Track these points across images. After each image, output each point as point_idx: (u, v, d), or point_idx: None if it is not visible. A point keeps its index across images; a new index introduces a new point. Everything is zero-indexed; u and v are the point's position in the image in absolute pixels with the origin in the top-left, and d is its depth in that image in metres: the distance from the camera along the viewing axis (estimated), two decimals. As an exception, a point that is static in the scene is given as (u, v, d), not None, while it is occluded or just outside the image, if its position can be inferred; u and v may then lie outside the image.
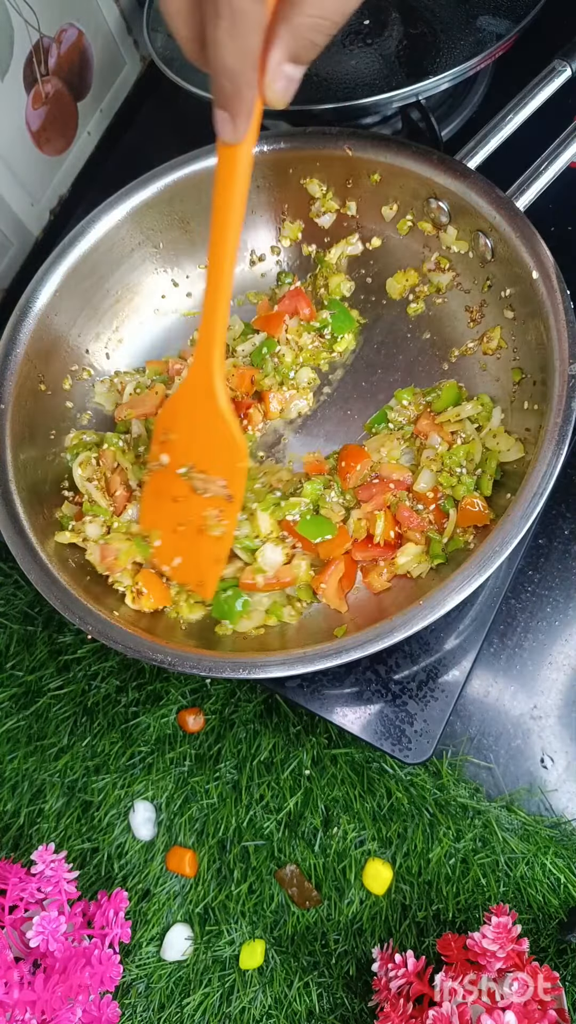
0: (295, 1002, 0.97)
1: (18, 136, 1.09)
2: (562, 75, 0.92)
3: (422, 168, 0.92)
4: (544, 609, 1.03)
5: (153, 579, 0.90)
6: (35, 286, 0.96)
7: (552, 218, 0.90)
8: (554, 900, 0.95)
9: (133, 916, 1.03)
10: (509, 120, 0.92)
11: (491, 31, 1.00)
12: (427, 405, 0.93)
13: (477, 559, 0.74)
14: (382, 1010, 0.86)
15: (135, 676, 1.14)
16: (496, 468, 0.86)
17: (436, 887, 0.98)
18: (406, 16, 1.06)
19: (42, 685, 1.16)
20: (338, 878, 1.00)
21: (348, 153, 0.96)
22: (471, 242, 0.93)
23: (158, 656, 0.78)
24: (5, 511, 0.86)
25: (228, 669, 0.76)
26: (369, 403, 0.98)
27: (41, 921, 0.88)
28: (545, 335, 0.81)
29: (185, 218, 1.03)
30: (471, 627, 0.94)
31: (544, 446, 0.76)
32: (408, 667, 0.92)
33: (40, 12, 1.05)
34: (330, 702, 0.93)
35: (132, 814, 1.08)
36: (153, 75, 1.30)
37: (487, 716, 1.02)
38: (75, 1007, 0.87)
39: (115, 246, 1.01)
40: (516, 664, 1.03)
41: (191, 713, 1.10)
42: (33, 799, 1.11)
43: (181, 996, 1.00)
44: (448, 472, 0.87)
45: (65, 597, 0.82)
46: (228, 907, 1.02)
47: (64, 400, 1.00)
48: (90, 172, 1.25)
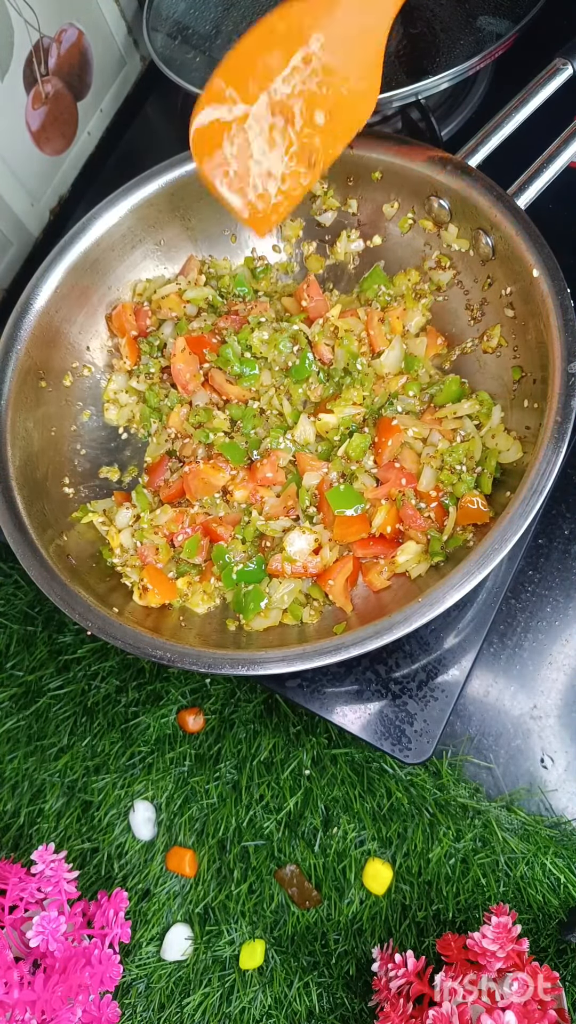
0: (295, 1002, 0.97)
1: (18, 136, 1.09)
2: (563, 74, 0.92)
3: (423, 166, 0.92)
4: (544, 609, 1.03)
5: (158, 575, 0.90)
6: (36, 283, 0.96)
7: (553, 217, 0.90)
8: (554, 900, 0.95)
9: (133, 916, 1.03)
10: (510, 119, 0.92)
11: (491, 31, 1.00)
12: (431, 398, 0.94)
13: (477, 556, 0.74)
14: (382, 1010, 0.86)
15: (135, 676, 1.14)
16: (496, 466, 0.86)
17: (436, 887, 0.98)
18: (406, 16, 1.06)
19: (42, 685, 1.16)
20: (338, 878, 1.00)
21: (349, 151, 0.96)
22: (472, 240, 0.93)
23: (157, 652, 0.78)
24: (6, 508, 0.86)
25: (227, 665, 0.76)
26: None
27: (41, 921, 0.88)
28: (545, 333, 0.81)
29: (186, 215, 1.03)
30: (471, 627, 0.93)
31: (543, 444, 0.76)
32: (408, 667, 0.92)
33: (40, 12, 1.05)
34: (330, 702, 0.92)
35: (132, 814, 1.07)
36: (153, 75, 1.30)
37: (487, 716, 1.02)
38: (75, 1007, 0.87)
39: (116, 243, 1.01)
40: (516, 664, 1.03)
41: (191, 713, 1.10)
42: (33, 799, 1.11)
43: (181, 996, 1.00)
44: (449, 470, 0.87)
45: (65, 594, 0.82)
46: (228, 907, 1.02)
47: (65, 396, 1.00)
48: (90, 172, 1.25)
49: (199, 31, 1.14)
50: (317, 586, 0.88)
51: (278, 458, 0.92)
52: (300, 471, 0.92)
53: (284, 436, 0.94)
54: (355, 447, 0.90)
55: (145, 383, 1.02)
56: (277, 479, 0.92)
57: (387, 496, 0.88)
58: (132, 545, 0.93)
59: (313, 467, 0.91)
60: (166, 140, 1.30)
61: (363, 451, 0.91)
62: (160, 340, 1.03)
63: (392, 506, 0.88)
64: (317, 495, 0.91)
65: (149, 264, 1.06)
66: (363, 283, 1.02)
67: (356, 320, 0.98)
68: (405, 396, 0.94)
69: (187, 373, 0.98)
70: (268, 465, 0.92)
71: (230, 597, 0.91)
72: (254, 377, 0.96)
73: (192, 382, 0.98)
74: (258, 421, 0.96)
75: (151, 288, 1.05)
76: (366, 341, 0.97)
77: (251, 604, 0.87)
